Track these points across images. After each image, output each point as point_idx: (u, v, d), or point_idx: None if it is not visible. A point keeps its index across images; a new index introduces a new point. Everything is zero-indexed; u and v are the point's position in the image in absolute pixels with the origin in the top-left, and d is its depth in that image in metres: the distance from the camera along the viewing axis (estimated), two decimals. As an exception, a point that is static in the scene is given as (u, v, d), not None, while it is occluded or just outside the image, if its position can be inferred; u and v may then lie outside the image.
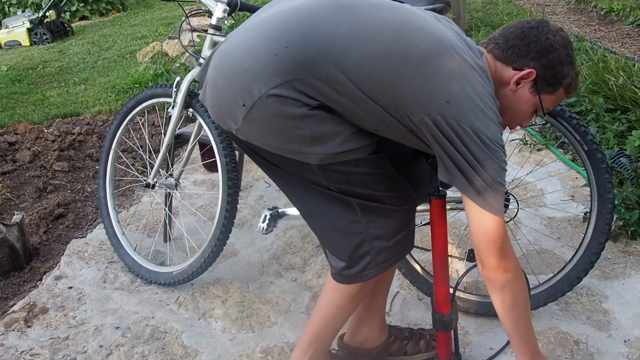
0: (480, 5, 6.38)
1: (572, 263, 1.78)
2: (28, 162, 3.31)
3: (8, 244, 2.27)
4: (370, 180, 1.34)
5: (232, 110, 1.26)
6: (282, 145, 1.27)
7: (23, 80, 5.63)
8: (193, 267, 2.02)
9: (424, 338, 1.71)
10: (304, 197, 1.41)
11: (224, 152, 1.94)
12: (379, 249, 1.37)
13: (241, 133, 1.29)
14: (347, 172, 1.31)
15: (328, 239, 1.42)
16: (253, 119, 1.24)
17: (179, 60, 4.93)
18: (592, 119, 2.93)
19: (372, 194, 1.35)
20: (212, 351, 1.80)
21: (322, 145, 1.24)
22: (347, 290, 1.44)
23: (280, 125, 1.23)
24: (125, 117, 2.23)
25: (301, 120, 1.21)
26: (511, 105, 1.35)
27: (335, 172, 1.30)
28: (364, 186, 1.34)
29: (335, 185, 1.33)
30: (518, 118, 1.39)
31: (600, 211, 1.72)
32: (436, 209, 1.48)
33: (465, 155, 1.20)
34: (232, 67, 1.26)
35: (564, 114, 1.69)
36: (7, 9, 9.52)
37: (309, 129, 1.22)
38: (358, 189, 1.34)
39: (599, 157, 1.68)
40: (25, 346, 1.87)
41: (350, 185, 1.33)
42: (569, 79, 1.33)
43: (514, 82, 1.31)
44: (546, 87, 1.33)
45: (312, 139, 1.23)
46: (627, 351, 1.68)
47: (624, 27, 5.13)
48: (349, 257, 1.38)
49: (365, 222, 1.36)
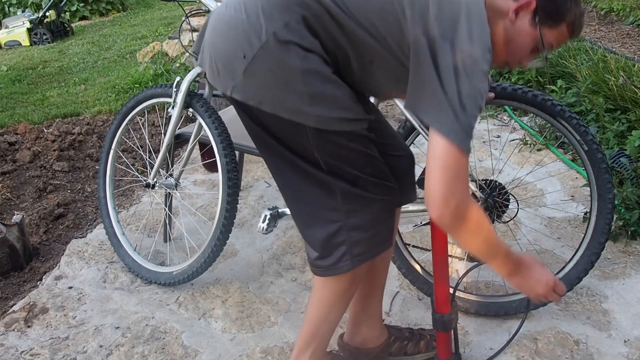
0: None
1: (572, 263, 1.78)
2: (28, 162, 3.31)
3: (8, 244, 2.27)
4: (359, 160, 1.32)
5: (232, 64, 1.24)
6: (280, 103, 1.24)
7: (23, 80, 5.63)
8: (193, 267, 2.02)
9: (424, 338, 1.71)
10: (289, 179, 1.38)
11: (224, 152, 1.94)
12: (355, 239, 1.35)
13: (238, 91, 1.26)
14: (340, 145, 1.29)
15: (304, 225, 1.40)
16: (254, 71, 1.22)
17: (179, 60, 4.93)
18: (592, 119, 2.93)
19: (357, 176, 1.32)
20: (212, 351, 1.80)
21: (320, 106, 1.22)
22: (334, 288, 1.43)
23: (281, 79, 1.21)
24: (125, 117, 2.23)
25: (302, 75, 1.20)
26: (510, 38, 1.28)
27: (329, 142, 1.28)
28: (352, 165, 1.32)
29: (325, 160, 1.30)
30: (518, 54, 1.31)
31: (600, 211, 1.72)
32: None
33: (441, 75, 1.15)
34: (228, 22, 1.25)
35: (564, 114, 1.69)
36: (7, 9, 9.53)
37: (309, 86, 1.21)
38: (346, 168, 1.31)
39: (599, 157, 1.68)
40: (25, 346, 1.87)
41: (340, 161, 1.31)
42: (572, 16, 1.27)
43: (513, 11, 1.25)
44: (547, 20, 1.26)
45: (311, 98, 1.21)
46: (627, 351, 1.68)
47: (624, 27, 5.13)
48: (323, 245, 1.36)
49: (344, 210, 1.34)
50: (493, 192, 1.78)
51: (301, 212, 1.40)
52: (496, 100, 1.77)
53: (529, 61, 1.34)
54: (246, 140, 2.17)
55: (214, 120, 1.97)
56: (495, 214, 1.80)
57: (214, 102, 3.37)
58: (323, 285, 1.44)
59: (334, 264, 1.37)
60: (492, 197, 1.78)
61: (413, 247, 2.04)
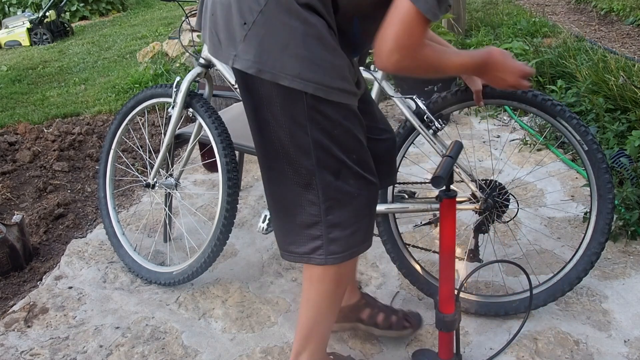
0: (480, 5, 6.38)
1: (572, 263, 1.78)
2: (28, 162, 3.31)
3: (8, 244, 2.27)
4: (349, 142, 1.31)
5: (232, 33, 1.24)
6: (280, 68, 1.22)
7: (23, 80, 5.63)
8: (193, 267, 2.02)
9: (396, 315, 1.72)
10: (273, 163, 1.35)
11: (224, 152, 1.94)
12: (332, 237, 1.34)
13: (240, 60, 1.25)
14: (334, 122, 1.27)
15: (281, 209, 1.38)
16: (254, 36, 1.21)
17: (179, 60, 4.93)
18: (592, 119, 2.93)
19: (343, 163, 1.31)
20: (212, 351, 1.80)
21: (319, 72, 1.22)
22: (320, 289, 1.42)
23: (281, 42, 1.20)
24: (125, 117, 2.23)
25: (303, 39, 1.19)
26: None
27: (325, 117, 1.27)
28: (341, 148, 1.30)
29: (317, 139, 1.28)
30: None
31: (600, 211, 1.72)
32: (446, 208, 1.47)
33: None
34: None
35: (564, 114, 1.69)
36: (7, 9, 9.53)
37: (310, 51, 1.20)
38: (335, 151, 1.30)
39: (599, 157, 1.68)
40: (25, 346, 1.87)
41: (330, 141, 1.29)
42: None
43: None
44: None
45: (311, 63, 1.21)
46: (627, 351, 1.68)
47: (624, 27, 5.13)
48: (298, 233, 1.35)
49: (324, 208, 1.32)
50: (493, 192, 1.78)
51: (280, 197, 1.38)
52: (496, 100, 1.77)
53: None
54: (246, 140, 2.17)
55: (214, 120, 1.97)
56: (495, 214, 1.80)
57: (214, 102, 3.37)
58: (310, 287, 1.43)
59: (306, 254, 1.36)
60: (492, 197, 1.78)
61: (413, 247, 2.04)
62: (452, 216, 1.48)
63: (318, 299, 1.44)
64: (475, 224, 1.83)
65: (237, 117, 2.40)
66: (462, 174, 1.79)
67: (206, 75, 2.03)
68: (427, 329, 1.82)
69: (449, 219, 1.47)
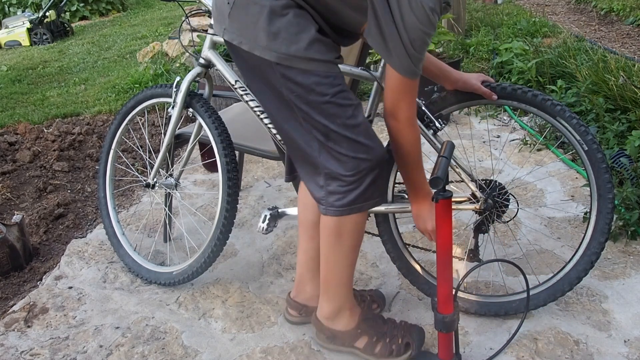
0: (480, 5, 6.38)
1: (572, 263, 1.78)
2: (28, 162, 3.31)
3: (8, 244, 2.27)
4: (329, 107, 1.43)
5: (221, 10, 1.48)
6: (253, 41, 1.42)
7: (23, 80, 5.63)
8: (193, 267, 2.02)
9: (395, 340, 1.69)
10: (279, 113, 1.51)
11: (224, 152, 1.94)
12: (331, 189, 1.49)
13: (228, 32, 1.47)
14: (307, 88, 1.41)
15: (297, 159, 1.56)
16: (236, 13, 1.44)
17: (179, 60, 4.93)
18: (592, 119, 2.93)
19: (327, 126, 1.43)
20: (212, 351, 1.80)
21: (284, 43, 1.39)
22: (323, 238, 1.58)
23: (252, 19, 1.41)
24: (125, 117, 2.23)
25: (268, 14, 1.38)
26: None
27: (296, 84, 1.42)
28: (322, 113, 1.43)
29: (296, 104, 1.44)
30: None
31: (600, 211, 1.72)
32: (442, 208, 1.47)
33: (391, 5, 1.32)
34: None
35: (564, 114, 1.69)
36: (7, 9, 9.53)
37: (273, 25, 1.39)
38: (317, 116, 1.43)
39: (599, 157, 1.68)
40: (25, 346, 1.87)
41: (309, 106, 1.43)
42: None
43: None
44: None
45: (275, 35, 1.39)
46: (627, 351, 1.68)
47: (624, 27, 5.13)
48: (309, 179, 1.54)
49: (322, 159, 1.47)
50: (493, 192, 1.78)
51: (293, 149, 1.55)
52: (496, 100, 1.77)
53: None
54: (246, 140, 2.18)
55: (214, 120, 1.97)
56: (495, 214, 1.80)
57: (214, 102, 3.37)
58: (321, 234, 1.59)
59: (317, 199, 1.54)
60: (492, 197, 1.78)
61: (413, 247, 2.04)
62: (449, 216, 1.48)
63: (324, 248, 1.60)
64: (475, 224, 1.83)
65: (237, 117, 2.40)
66: (462, 174, 1.78)
67: (206, 75, 2.03)
68: (427, 328, 1.82)
69: (445, 219, 1.48)
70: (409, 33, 1.32)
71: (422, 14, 1.31)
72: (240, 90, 1.84)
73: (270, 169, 3.05)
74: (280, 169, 3.00)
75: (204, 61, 1.99)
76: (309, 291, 1.81)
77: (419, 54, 1.36)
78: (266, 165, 3.08)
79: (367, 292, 1.92)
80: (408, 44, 1.33)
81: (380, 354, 1.68)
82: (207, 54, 1.97)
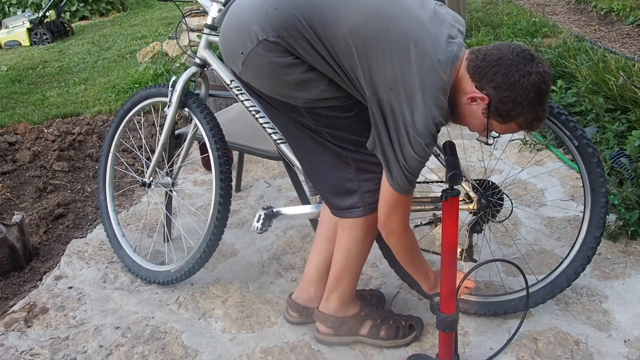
0: (480, 5, 6.38)
1: (569, 259, 1.79)
2: (28, 162, 3.31)
3: (8, 244, 2.27)
4: (355, 126, 1.52)
5: (234, 57, 1.52)
6: (273, 89, 1.51)
7: (23, 80, 5.62)
8: (190, 264, 2.02)
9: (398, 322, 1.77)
10: (301, 142, 1.61)
11: (215, 146, 1.96)
12: (366, 189, 1.59)
13: (243, 76, 1.55)
14: (332, 118, 1.51)
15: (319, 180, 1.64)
16: (249, 65, 1.49)
17: (179, 60, 4.93)
18: (592, 119, 2.93)
19: (359, 140, 1.52)
20: (212, 351, 1.80)
21: (306, 90, 1.47)
22: (351, 235, 1.64)
23: (270, 72, 1.47)
24: (122, 119, 2.23)
25: (288, 68, 1.45)
26: (463, 114, 1.47)
27: (321, 115, 1.51)
28: (350, 132, 1.53)
29: (325, 130, 1.54)
30: (471, 127, 1.50)
31: (594, 205, 1.72)
32: (449, 207, 1.47)
33: (391, 134, 1.41)
34: (236, 20, 1.52)
35: (552, 110, 1.69)
36: (7, 9, 9.52)
37: (293, 75, 1.45)
38: (345, 134, 1.53)
39: (590, 152, 1.69)
40: (25, 346, 1.87)
41: (337, 129, 1.53)
42: (521, 120, 1.42)
43: (469, 97, 1.40)
44: (497, 116, 1.42)
45: (297, 85, 1.46)
46: (627, 351, 1.68)
47: (624, 27, 5.13)
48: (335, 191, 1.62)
49: (358, 180, 1.58)
50: (487, 192, 1.78)
51: (318, 177, 1.64)
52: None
53: (483, 135, 1.50)
54: (246, 140, 2.18)
55: (206, 115, 1.99)
56: (489, 214, 1.80)
57: (214, 102, 3.37)
58: (342, 233, 1.66)
59: (347, 208, 1.61)
60: (485, 196, 1.78)
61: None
62: (455, 215, 1.47)
63: (349, 244, 1.66)
64: (470, 224, 1.83)
65: (237, 117, 2.40)
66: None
67: (202, 75, 2.03)
68: (427, 329, 1.82)
69: (451, 218, 1.47)
70: (407, 162, 1.41)
71: (420, 149, 1.39)
72: (236, 90, 1.84)
73: (270, 169, 3.05)
74: (280, 169, 3.00)
75: (200, 61, 1.99)
76: (313, 292, 1.82)
77: (413, 176, 1.44)
78: (266, 165, 3.08)
79: (367, 292, 1.93)
80: (405, 169, 1.42)
81: (386, 335, 1.74)
82: (202, 53, 1.97)
